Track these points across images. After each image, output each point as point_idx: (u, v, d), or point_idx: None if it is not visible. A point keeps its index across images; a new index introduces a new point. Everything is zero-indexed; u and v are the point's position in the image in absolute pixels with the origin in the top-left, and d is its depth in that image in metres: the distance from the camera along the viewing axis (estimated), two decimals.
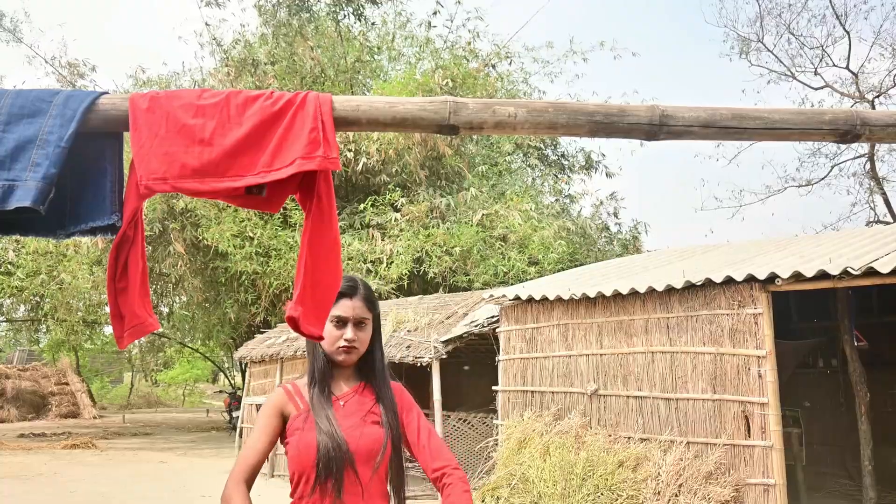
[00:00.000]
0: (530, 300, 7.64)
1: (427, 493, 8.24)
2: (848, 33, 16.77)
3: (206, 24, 17.16)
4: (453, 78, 15.01)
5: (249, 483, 1.88)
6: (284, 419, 1.96)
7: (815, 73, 17.58)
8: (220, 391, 27.73)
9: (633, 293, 6.71)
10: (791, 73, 17.78)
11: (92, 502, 8.92)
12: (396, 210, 14.01)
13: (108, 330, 22.26)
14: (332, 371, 2.01)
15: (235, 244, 13.38)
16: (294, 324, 1.53)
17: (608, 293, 6.85)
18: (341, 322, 1.97)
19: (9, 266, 15.96)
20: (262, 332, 13.48)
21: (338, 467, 1.82)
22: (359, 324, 1.99)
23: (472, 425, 9.23)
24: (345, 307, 1.97)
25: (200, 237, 13.88)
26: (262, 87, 15.03)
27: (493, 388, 8.03)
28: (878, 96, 16.72)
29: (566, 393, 7.18)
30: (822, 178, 17.88)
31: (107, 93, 1.60)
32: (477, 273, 13.15)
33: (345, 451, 1.84)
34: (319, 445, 1.83)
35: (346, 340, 1.96)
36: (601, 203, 18.40)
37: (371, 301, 2.04)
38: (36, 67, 51.53)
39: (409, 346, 9.07)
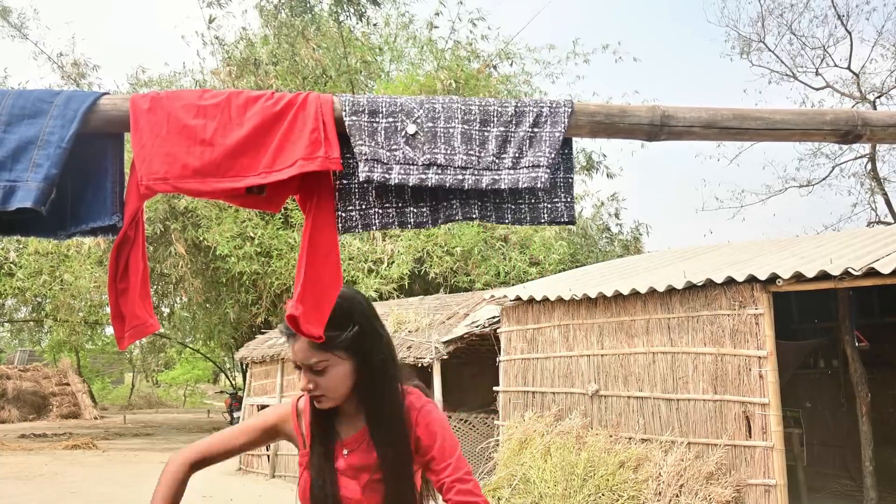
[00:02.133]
0: (531, 301, 7.63)
1: None
2: (850, 34, 16.75)
3: (211, 20, 17.07)
4: (456, 79, 14.99)
5: (196, 467, 1.69)
6: (278, 434, 1.79)
7: (817, 74, 17.56)
8: (221, 392, 27.70)
9: (634, 294, 6.70)
10: (792, 73, 17.75)
11: (93, 503, 8.92)
12: None
13: (110, 330, 22.26)
14: (333, 409, 1.71)
15: (235, 245, 13.36)
16: (294, 322, 1.52)
17: (609, 294, 6.85)
18: (297, 367, 1.67)
19: (11, 266, 15.94)
20: (263, 333, 13.46)
21: None
22: (311, 368, 1.62)
23: (474, 426, 9.22)
24: (291, 350, 1.65)
25: (201, 238, 13.87)
26: (264, 87, 15.02)
27: (494, 388, 8.02)
28: (879, 97, 16.69)
29: (567, 393, 7.17)
30: (823, 179, 17.85)
31: (108, 93, 1.60)
32: (478, 273, 13.13)
33: None
34: None
35: (301, 390, 1.67)
36: (602, 204, 18.38)
37: (324, 341, 1.54)
38: (40, 65, 51.52)
39: (410, 347, 9.06)
